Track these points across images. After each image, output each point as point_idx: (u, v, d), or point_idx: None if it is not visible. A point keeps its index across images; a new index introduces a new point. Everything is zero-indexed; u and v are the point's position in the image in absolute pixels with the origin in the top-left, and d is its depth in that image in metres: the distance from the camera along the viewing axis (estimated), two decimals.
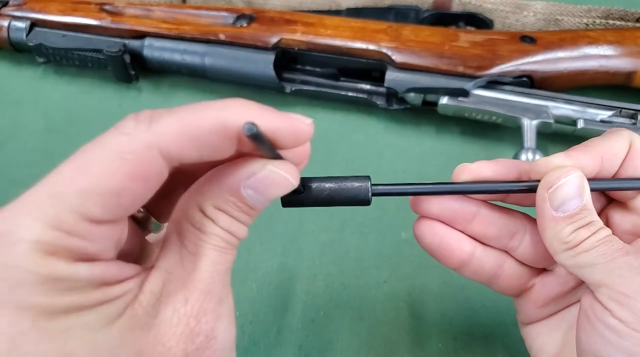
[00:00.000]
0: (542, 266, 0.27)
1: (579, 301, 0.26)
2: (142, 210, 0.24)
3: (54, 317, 0.16)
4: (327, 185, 0.24)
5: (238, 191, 0.19)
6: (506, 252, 0.27)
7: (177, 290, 0.18)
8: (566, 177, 0.22)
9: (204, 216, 0.19)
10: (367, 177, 0.24)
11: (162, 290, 0.18)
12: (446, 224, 0.26)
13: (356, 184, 0.24)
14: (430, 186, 0.25)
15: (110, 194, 0.16)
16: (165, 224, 0.24)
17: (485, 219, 0.25)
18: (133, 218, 0.23)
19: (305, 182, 0.24)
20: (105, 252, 0.17)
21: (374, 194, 0.24)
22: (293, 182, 0.20)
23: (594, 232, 0.22)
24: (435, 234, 0.26)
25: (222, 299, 0.19)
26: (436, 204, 0.25)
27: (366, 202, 0.24)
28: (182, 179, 0.23)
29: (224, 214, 0.19)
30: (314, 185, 0.24)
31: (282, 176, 0.20)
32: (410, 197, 0.26)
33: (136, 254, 0.23)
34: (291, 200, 0.24)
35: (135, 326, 0.17)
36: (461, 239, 0.26)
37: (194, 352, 0.17)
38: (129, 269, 0.18)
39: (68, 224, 0.16)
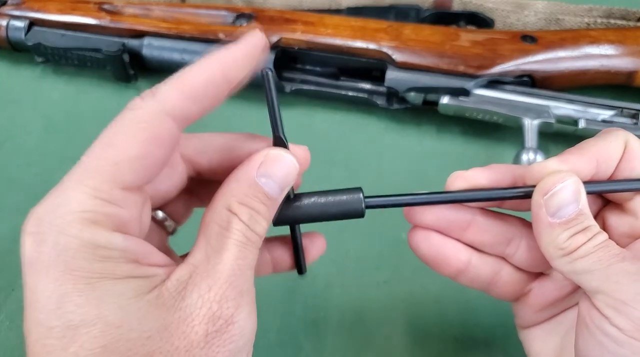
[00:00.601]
0: (539, 271, 0.27)
1: (576, 304, 0.26)
2: (162, 213, 0.25)
3: (91, 283, 0.18)
4: (318, 200, 0.24)
5: (254, 180, 0.21)
6: (503, 258, 0.26)
7: (202, 280, 0.20)
8: (562, 183, 0.22)
9: (230, 213, 0.21)
10: (359, 189, 0.24)
11: (189, 280, 0.20)
12: (441, 233, 0.26)
13: (348, 197, 0.24)
14: (424, 196, 0.24)
15: (136, 159, 0.19)
16: (179, 226, 0.26)
17: (481, 226, 0.25)
18: (154, 221, 0.25)
19: (294, 198, 0.24)
20: (134, 219, 0.20)
21: (367, 206, 0.24)
22: (293, 159, 0.22)
23: (591, 238, 0.22)
24: (431, 244, 0.26)
25: (243, 291, 0.20)
26: (430, 214, 0.25)
27: (360, 214, 0.24)
28: (197, 186, 0.25)
29: (246, 207, 0.21)
30: (305, 200, 0.24)
31: (281, 155, 0.22)
32: (404, 208, 0.26)
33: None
34: (282, 216, 0.23)
35: (161, 305, 0.19)
36: (457, 247, 0.26)
37: (213, 333, 0.19)
38: (158, 255, 0.21)
39: (105, 192, 0.19)
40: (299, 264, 0.26)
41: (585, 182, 0.23)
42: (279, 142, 0.23)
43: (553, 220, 0.22)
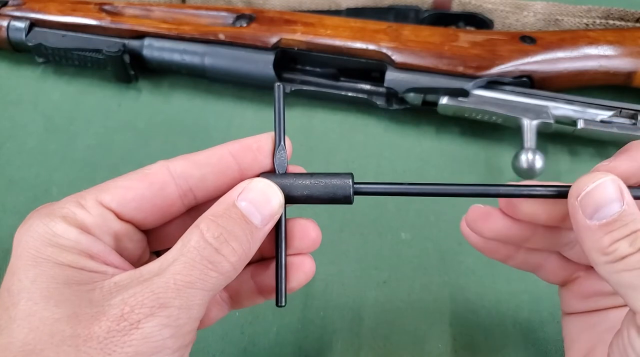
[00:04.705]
0: (587, 264, 0.26)
1: (623, 305, 0.25)
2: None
3: (37, 262, 0.21)
4: (307, 181, 0.23)
5: (233, 202, 0.22)
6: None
7: (134, 286, 0.20)
8: (597, 181, 0.20)
9: (195, 229, 0.21)
10: (350, 175, 0.23)
11: (127, 285, 0.20)
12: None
13: (337, 182, 0.23)
14: (416, 187, 0.23)
15: (120, 188, 0.23)
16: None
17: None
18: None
19: (283, 177, 0.23)
20: (99, 225, 0.22)
21: (356, 193, 0.23)
22: (278, 193, 0.23)
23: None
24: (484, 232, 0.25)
25: (167, 305, 0.20)
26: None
27: (347, 200, 0.23)
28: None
29: (216, 224, 0.21)
30: (292, 180, 0.23)
31: (266, 186, 0.23)
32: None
33: (140, 262, 0.25)
34: None
35: (87, 299, 0.20)
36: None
37: (114, 332, 0.19)
38: (115, 257, 0.22)
39: (85, 200, 0.22)
40: (278, 293, 0.24)
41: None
42: (281, 152, 0.23)
43: (592, 222, 0.20)
